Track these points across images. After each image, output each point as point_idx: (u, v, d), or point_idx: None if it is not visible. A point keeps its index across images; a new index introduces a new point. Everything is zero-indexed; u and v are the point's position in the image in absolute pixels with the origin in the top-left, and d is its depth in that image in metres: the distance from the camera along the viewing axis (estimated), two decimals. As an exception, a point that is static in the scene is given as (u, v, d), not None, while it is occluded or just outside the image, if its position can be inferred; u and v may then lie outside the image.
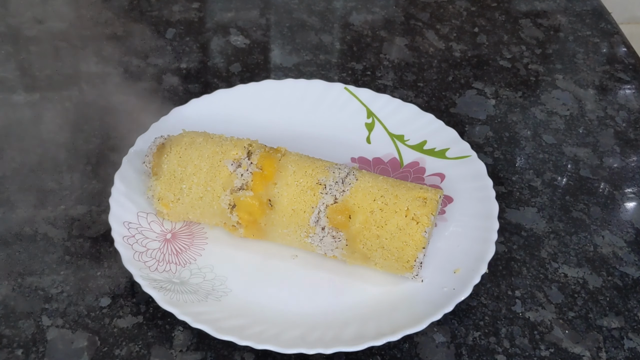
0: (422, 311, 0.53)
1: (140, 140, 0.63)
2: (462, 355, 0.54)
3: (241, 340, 0.50)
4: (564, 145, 0.72)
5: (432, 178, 0.64)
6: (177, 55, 0.79)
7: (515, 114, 0.75)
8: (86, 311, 0.55)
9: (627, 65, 0.82)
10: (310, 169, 0.57)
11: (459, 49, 0.83)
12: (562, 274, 0.60)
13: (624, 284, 0.60)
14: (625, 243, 0.63)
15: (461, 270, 0.56)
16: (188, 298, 0.54)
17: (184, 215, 0.59)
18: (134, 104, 0.72)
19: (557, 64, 0.81)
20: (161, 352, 0.53)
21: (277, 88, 0.70)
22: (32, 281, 0.57)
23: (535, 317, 0.57)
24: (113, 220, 0.57)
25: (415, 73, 0.79)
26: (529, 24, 0.87)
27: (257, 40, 0.82)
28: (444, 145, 0.66)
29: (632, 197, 0.67)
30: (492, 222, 0.58)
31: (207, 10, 0.85)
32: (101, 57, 0.78)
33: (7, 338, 0.53)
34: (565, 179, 0.68)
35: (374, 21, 0.86)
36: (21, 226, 0.61)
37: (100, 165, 0.66)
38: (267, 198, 0.56)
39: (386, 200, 0.55)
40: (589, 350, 0.55)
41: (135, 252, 0.56)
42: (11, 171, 0.65)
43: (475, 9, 0.89)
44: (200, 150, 0.58)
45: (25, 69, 0.76)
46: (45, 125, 0.70)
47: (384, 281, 0.57)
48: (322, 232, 0.56)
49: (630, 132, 0.74)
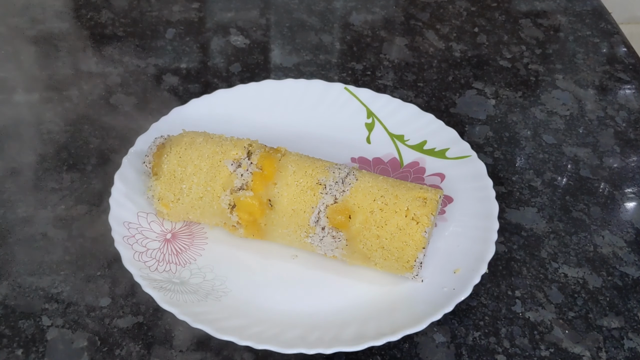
0: (422, 311, 0.53)
1: (140, 140, 0.63)
2: (462, 355, 0.54)
3: (241, 340, 0.50)
4: (564, 145, 0.72)
5: (432, 178, 0.64)
6: (177, 55, 0.79)
7: (515, 114, 0.75)
8: (86, 311, 0.55)
9: (627, 65, 0.82)
10: (310, 169, 0.57)
11: (459, 49, 0.83)
12: (562, 274, 0.60)
13: (624, 284, 0.60)
14: (625, 243, 0.63)
15: (461, 270, 0.56)
16: (188, 298, 0.54)
17: (184, 215, 0.59)
18: (133, 103, 0.72)
19: (557, 64, 0.81)
20: (161, 352, 0.53)
21: (277, 88, 0.70)
22: (32, 281, 0.57)
23: (535, 317, 0.57)
24: (113, 220, 0.57)
25: (415, 73, 0.79)
26: (529, 24, 0.87)
27: (257, 40, 0.82)
28: (444, 145, 0.66)
29: (632, 197, 0.67)
30: (492, 222, 0.58)
31: (207, 10, 0.85)
32: (101, 57, 0.78)
33: (7, 338, 0.53)
34: (565, 179, 0.68)
35: (374, 21, 0.86)
36: (21, 226, 0.61)
37: (100, 165, 0.66)
38: (267, 198, 0.56)
39: (386, 200, 0.55)
40: (589, 350, 0.55)
41: (135, 252, 0.56)
42: (11, 171, 0.65)
43: (475, 9, 0.89)
44: (200, 150, 0.58)
45: (25, 69, 0.76)
46: (45, 125, 0.70)
47: (384, 281, 0.57)
48: (322, 232, 0.56)
49: (630, 132, 0.74)
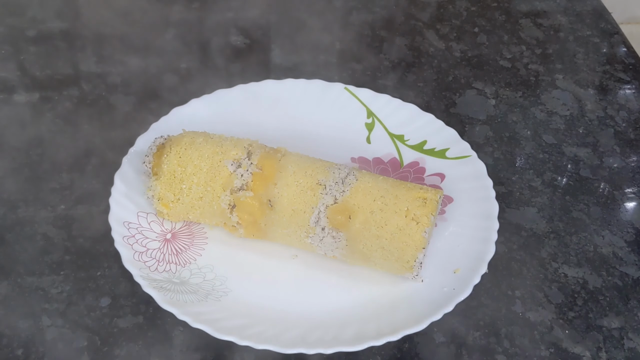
0: (422, 311, 0.53)
1: (140, 140, 0.63)
2: (462, 355, 0.54)
3: (241, 340, 0.50)
4: (564, 145, 0.72)
5: (432, 178, 0.64)
6: (177, 55, 0.79)
7: (515, 114, 0.75)
8: (86, 311, 0.55)
9: (627, 65, 0.82)
10: (310, 169, 0.57)
11: (459, 49, 0.83)
12: (562, 274, 0.60)
13: (624, 284, 0.60)
14: (625, 243, 0.63)
15: (461, 270, 0.56)
16: (188, 298, 0.54)
17: (184, 215, 0.59)
18: (134, 104, 0.72)
19: (557, 64, 0.81)
20: (161, 352, 0.53)
21: (277, 88, 0.70)
22: (32, 281, 0.57)
23: (535, 317, 0.57)
24: (113, 220, 0.57)
25: (415, 73, 0.79)
26: (529, 24, 0.87)
27: (257, 40, 0.82)
28: (444, 145, 0.66)
29: (632, 197, 0.67)
30: (492, 222, 0.58)
31: (207, 10, 0.85)
32: (101, 57, 0.78)
33: (7, 338, 0.53)
34: (565, 179, 0.68)
35: (374, 21, 0.86)
36: (21, 226, 0.61)
37: (100, 165, 0.66)
38: (267, 198, 0.56)
39: (386, 201, 0.55)
40: (589, 350, 0.55)
41: (135, 252, 0.56)
42: (11, 171, 0.65)
43: (475, 9, 0.89)
44: (200, 150, 0.58)
45: (25, 69, 0.76)
46: (45, 125, 0.70)
47: (384, 281, 0.57)
48: (322, 233, 0.56)
49: (630, 132, 0.74)
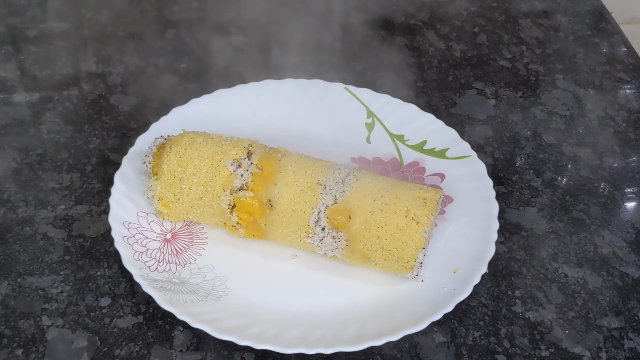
0: (422, 311, 0.53)
1: (140, 140, 0.63)
2: (462, 355, 0.54)
3: (241, 340, 0.50)
4: (564, 145, 0.72)
5: (432, 178, 0.64)
6: (177, 55, 0.79)
7: (515, 113, 0.75)
8: (86, 311, 0.55)
9: (627, 65, 0.82)
10: (310, 169, 0.57)
11: (459, 49, 0.83)
12: (562, 274, 0.60)
13: (624, 284, 0.60)
14: (625, 243, 0.63)
15: (461, 270, 0.56)
16: (188, 298, 0.54)
17: (184, 215, 0.59)
18: (133, 103, 0.72)
19: (557, 64, 0.81)
20: (161, 352, 0.53)
21: (277, 88, 0.70)
22: (32, 281, 0.57)
23: (535, 317, 0.57)
24: (113, 220, 0.57)
25: (415, 73, 0.79)
26: (529, 24, 0.87)
27: (257, 40, 0.82)
28: (444, 145, 0.66)
29: (632, 197, 0.67)
30: (492, 222, 0.58)
31: (207, 10, 0.85)
32: (101, 57, 0.78)
33: (7, 338, 0.53)
34: (565, 179, 0.68)
35: (374, 21, 0.86)
36: (21, 226, 0.61)
37: (100, 165, 0.66)
38: (267, 198, 0.56)
39: (386, 201, 0.55)
40: (589, 350, 0.55)
41: (135, 252, 0.56)
42: (11, 171, 0.65)
43: (475, 9, 0.89)
44: (200, 150, 0.58)
45: (25, 69, 0.76)
46: (45, 125, 0.70)
47: (384, 281, 0.57)
48: (322, 233, 0.56)
49: (630, 132, 0.74)
